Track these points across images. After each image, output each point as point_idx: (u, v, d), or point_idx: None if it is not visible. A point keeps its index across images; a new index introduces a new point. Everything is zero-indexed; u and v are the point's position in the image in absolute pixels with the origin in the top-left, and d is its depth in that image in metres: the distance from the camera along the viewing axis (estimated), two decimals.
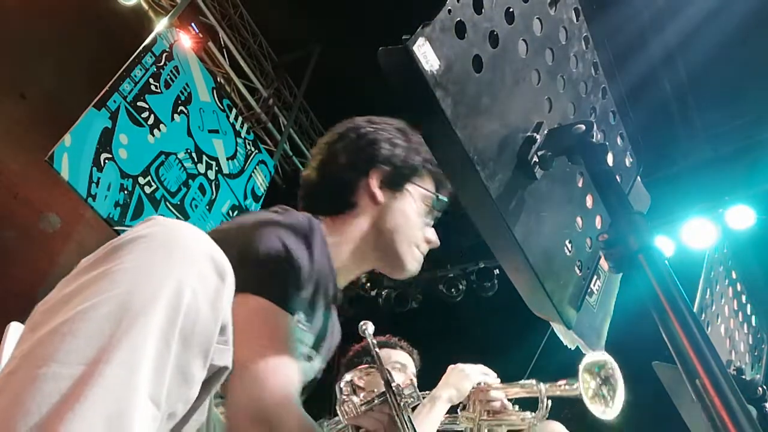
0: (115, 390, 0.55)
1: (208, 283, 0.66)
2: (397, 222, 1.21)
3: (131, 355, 0.57)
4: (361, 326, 1.49)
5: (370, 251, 1.23)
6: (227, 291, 0.68)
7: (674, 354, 0.59)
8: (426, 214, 1.26)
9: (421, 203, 1.25)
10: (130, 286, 0.61)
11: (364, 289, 6.35)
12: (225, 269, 0.68)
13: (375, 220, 1.21)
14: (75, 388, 0.54)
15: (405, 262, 1.24)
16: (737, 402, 0.55)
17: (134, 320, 0.59)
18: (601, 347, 0.87)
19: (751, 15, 4.23)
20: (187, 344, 0.63)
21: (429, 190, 1.26)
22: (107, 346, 0.57)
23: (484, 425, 1.78)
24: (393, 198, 1.22)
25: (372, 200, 1.21)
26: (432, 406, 1.68)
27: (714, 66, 4.62)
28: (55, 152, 3.59)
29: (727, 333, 1.35)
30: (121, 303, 0.59)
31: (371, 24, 4.33)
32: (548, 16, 0.81)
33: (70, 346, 0.56)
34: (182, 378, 0.63)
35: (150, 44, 4.36)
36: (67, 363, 0.55)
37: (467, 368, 1.72)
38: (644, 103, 4.76)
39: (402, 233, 1.21)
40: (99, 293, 0.60)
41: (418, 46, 0.59)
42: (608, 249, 0.66)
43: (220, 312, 0.67)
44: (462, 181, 0.69)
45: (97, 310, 0.59)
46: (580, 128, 0.73)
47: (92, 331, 0.57)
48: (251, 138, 5.37)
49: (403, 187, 1.23)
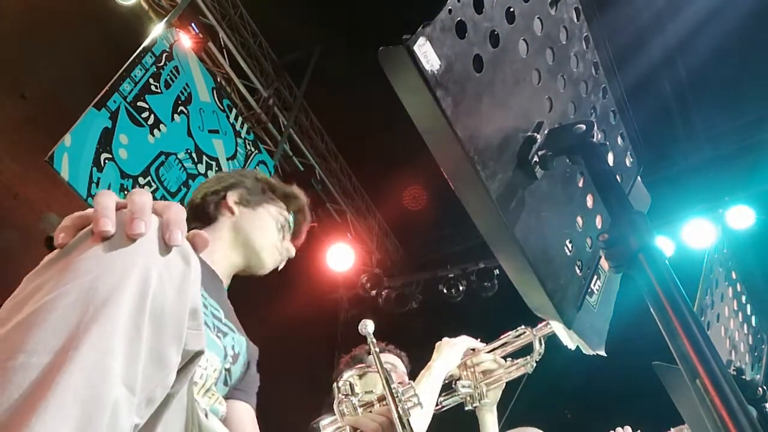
0: (87, 375, 0.55)
1: (174, 268, 0.65)
2: (252, 224, 1.58)
3: (101, 341, 0.56)
4: (361, 325, 1.49)
5: (234, 248, 1.57)
6: (193, 276, 0.68)
7: (675, 354, 0.59)
8: (281, 228, 1.63)
9: (275, 218, 1.63)
10: (95, 275, 0.60)
11: (365, 289, 6.35)
12: (189, 254, 0.68)
13: (233, 224, 1.58)
14: (45, 376, 0.53)
15: (261, 254, 1.58)
16: (737, 402, 0.55)
17: (101, 307, 0.58)
18: (602, 347, 0.87)
19: (751, 15, 4.24)
20: (159, 329, 0.62)
21: (278, 206, 1.65)
22: (75, 333, 0.56)
23: (483, 387, 1.82)
24: (248, 211, 1.61)
25: (230, 212, 1.59)
26: (429, 375, 1.74)
27: (714, 66, 4.63)
28: (55, 152, 3.59)
29: (727, 333, 1.35)
30: (87, 291, 0.59)
31: (371, 24, 4.33)
32: (549, 15, 0.81)
33: (38, 337, 0.55)
34: (158, 363, 0.62)
35: (150, 44, 4.36)
36: (36, 353, 0.54)
37: (455, 339, 1.87)
38: (644, 103, 4.76)
39: (258, 231, 1.58)
40: (63, 283, 0.59)
41: (418, 45, 0.59)
42: (608, 249, 0.66)
43: (188, 296, 0.66)
44: (462, 181, 0.69)
45: (62, 299, 0.58)
46: (581, 128, 0.73)
47: (59, 320, 0.57)
48: (251, 138, 5.37)
49: (257, 205, 1.62)
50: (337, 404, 1.44)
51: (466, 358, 1.85)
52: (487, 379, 1.84)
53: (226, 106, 5.13)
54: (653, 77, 4.84)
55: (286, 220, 1.67)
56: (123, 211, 0.66)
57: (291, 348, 5.09)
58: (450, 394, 1.84)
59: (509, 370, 1.83)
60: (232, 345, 1.40)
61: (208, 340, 1.30)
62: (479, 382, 1.84)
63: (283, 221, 1.65)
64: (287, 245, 1.66)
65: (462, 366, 1.86)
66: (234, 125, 5.19)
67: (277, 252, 1.62)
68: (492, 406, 1.89)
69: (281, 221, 1.64)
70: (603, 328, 0.89)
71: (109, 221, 0.64)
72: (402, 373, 2.04)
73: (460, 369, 1.86)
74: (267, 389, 1.55)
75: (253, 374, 1.52)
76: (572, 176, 0.85)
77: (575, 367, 2.77)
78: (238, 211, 1.60)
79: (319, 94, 5.80)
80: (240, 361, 1.42)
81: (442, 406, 1.81)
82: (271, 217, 1.63)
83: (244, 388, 1.46)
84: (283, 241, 1.64)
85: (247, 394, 1.46)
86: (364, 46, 1.47)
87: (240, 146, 5.19)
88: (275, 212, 1.65)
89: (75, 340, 0.55)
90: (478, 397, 1.83)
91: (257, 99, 5.57)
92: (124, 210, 0.66)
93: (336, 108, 5.69)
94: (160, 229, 0.67)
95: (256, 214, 1.61)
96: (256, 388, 1.52)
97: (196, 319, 0.69)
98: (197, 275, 0.69)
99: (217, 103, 5.03)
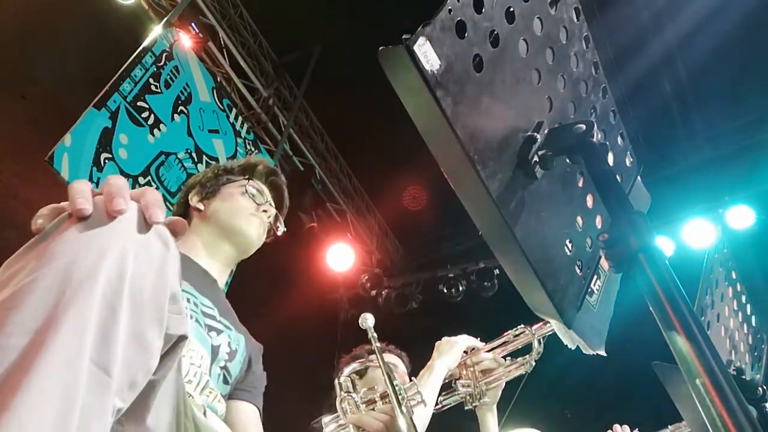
0: (66, 356, 0.54)
1: (153, 250, 0.65)
2: (219, 207, 1.61)
3: (78, 323, 0.56)
4: (361, 318, 1.48)
5: (216, 239, 1.59)
6: (172, 259, 0.67)
7: (675, 354, 0.59)
8: (251, 196, 1.64)
9: (238, 191, 1.64)
10: (71, 257, 0.59)
11: (365, 289, 6.35)
12: (168, 238, 0.68)
13: (205, 218, 1.61)
14: (24, 357, 0.53)
15: (238, 226, 1.59)
16: (737, 402, 0.55)
17: (78, 288, 0.57)
18: (602, 347, 0.87)
19: (751, 15, 4.24)
20: (138, 310, 0.62)
21: (239, 182, 1.67)
22: (53, 314, 0.55)
23: (482, 386, 1.82)
24: (211, 200, 1.64)
25: (197, 211, 1.63)
26: (430, 373, 1.74)
27: (714, 66, 4.63)
28: (55, 152, 3.58)
29: (727, 333, 1.35)
30: (63, 273, 0.58)
31: (371, 24, 4.33)
32: (549, 15, 0.81)
33: (15, 319, 0.55)
34: (138, 346, 0.62)
35: (150, 44, 4.36)
36: (14, 334, 0.54)
37: (454, 338, 1.87)
38: (644, 103, 4.76)
39: (226, 210, 1.60)
40: (41, 266, 0.59)
41: (418, 45, 0.59)
42: (609, 249, 0.66)
43: (168, 279, 0.66)
44: (462, 181, 0.69)
45: (39, 282, 0.57)
46: (581, 128, 0.73)
47: (36, 302, 0.56)
48: (251, 138, 5.36)
49: (217, 191, 1.65)
50: (339, 402, 1.42)
51: (466, 357, 1.85)
52: (486, 378, 1.84)
53: (226, 105, 5.13)
54: (653, 77, 4.84)
55: (254, 188, 1.67)
56: (100, 196, 0.66)
57: (291, 348, 5.09)
58: (450, 393, 1.84)
59: (508, 369, 1.83)
60: (228, 342, 1.40)
61: (198, 337, 1.30)
62: (479, 381, 1.84)
63: (252, 190, 1.66)
64: (265, 208, 1.66)
65: (462, 365, 1.86)
66: (234, 125, 5.18)
67: (255, 218, 1.62)
68: (492, 406, 1.89)
69: (248, 191, 1.65)
70: (603, 328, 0.89)
71: (85, 201, 0.64)
72: (403, 374, 2.04)
73: (460, 368, 1.86)
74: (267, 389, 1.55)
75: (259, 373, 1.51)
76: (572, 176, 0.84)
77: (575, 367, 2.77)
78: (202, 206, 1.63)
79: (319, 94, 5.80)
80: (238, 358, 1.42)
81: (441, 405, 1.81)
82: (235, 192, 1.64)
83: (249, 388, 1.45)
84: (260, 207, 1.64)
85: (252, 394, 1.45)
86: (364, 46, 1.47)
87: (240, 146, 5.19)
88: (236, 186, 1.66)
89: (53, 322, 0.55)
90: (478, 396, 1.83)
91: (257, 99, 5.57)
92: (101, 194, 0.66)
93: (336, 108, 5.68)
94: (139, 211, 0.67)
95: (218, 198, 1.64)
96: (262, 388, 1.51)
97: (177, 303, 0.68)
98: (176, 259, 0.68)
99: (217, 103, 5.03)
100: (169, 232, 0.69)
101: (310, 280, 6.03)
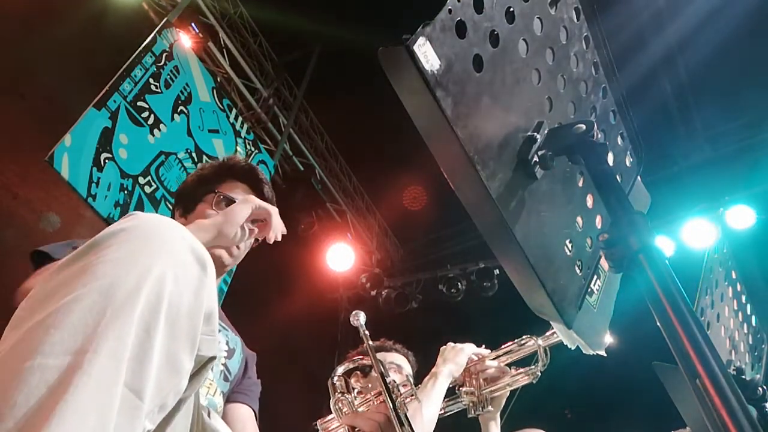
0: (104, 380, 0.55)
1: (190, 272, 0.66)
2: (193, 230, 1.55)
3: (117, 345, 0.56)
4: (352, 316, 1.48)
5: None
6: (209, 281, 0.68)
7: (675, 354, 0.59)
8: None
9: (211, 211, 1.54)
10: (112, 278, 0.60)
11: (365, 289, 6.35)
12: (205, 260, 0.68)
13: None
14: (62, 379, 0.53)
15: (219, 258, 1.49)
16: (737, 402, 0.55)
17: (119, 310, 0.58)
18: (602, 347, 0.87)
19: (751, 15, 4.23)
20: (174, 333, 0.62)
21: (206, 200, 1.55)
22: (92, 336, 0.56)
23: (486, 394, 1.80)
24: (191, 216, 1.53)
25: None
26: (434, 381, 1.72)
27: (714, 66, 4.62)
28: (55, 152, 3.58)
29: (727, 333, 1.35)
30: (104, 294, 0.59)
31: (371, 24, 4.33)
32: (549, 15, 0.81)
33: (55, 338, 0.55)
34: (171, 368, 0.62)
35: (150, 44, 4.36)
36: (53, 354, 0.54)
37: (460, 344, 1.84)
38: (644, 102, 4.76)
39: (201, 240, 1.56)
40: (81, 286, 0.59)
41: (418, 45, 0.59)
42: (608, 249, 0.66)
43: (204, 301, 0.66)
44: (462, 181, 0.69)
45: (80, 302, 0.58)
46: (581, 128, 0.73)
47: (76, 322, 0.57)
48: (251, 138, 5.36)
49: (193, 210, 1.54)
50: (334, 403, 1.42)
51: (470, 365, 1.83)
52: (490, 387, 1.81)
53: (226, 105, 5.13)
54: (653, 77, 4.84)
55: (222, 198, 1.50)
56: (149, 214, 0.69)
57: (291, 348, 5.09)
58: (453, 400, 1.82)
59: (513, 379, 1.80)
60: (227, 341, 1.42)
61: None
62: (482, 390, 1.81)
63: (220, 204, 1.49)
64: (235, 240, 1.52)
65: (466, 373, 1.83)
66: (234, 125, 5.18)
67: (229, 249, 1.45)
68: (495, 414, 1.87)
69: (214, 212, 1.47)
70: (603, 328, 0.89)
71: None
72: (407, 375, 2.03)
73: (464, 376, 1.83)
74: (267, 389, 1.55)
75: (254, 379, 1.53)
76: (572, 176, 0.84)
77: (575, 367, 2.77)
78: (184, 221, 1.50)
79: (319, 94, 5.80)
80: (236, 357, 1.43)
81: (445, 411, 1.80)
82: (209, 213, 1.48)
83: (245, 391, 1.47)
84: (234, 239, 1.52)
85: (249, 397, 1.47)
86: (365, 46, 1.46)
87: (240, 146, 5.19)
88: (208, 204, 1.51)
89: (92, 344, 0.56)
90: (482, 404, 1.81)
91: (257, 99, 5.57)
92: None
93: (336, 108, 5.68)
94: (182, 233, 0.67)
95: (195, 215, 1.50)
96: (257, 392, 1.52)
97: (210, 324, 0.69)
98: (212, 281, 0.69)
99: (217, 103, 5.03)
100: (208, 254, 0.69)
101: (310, 280, 6.03)
